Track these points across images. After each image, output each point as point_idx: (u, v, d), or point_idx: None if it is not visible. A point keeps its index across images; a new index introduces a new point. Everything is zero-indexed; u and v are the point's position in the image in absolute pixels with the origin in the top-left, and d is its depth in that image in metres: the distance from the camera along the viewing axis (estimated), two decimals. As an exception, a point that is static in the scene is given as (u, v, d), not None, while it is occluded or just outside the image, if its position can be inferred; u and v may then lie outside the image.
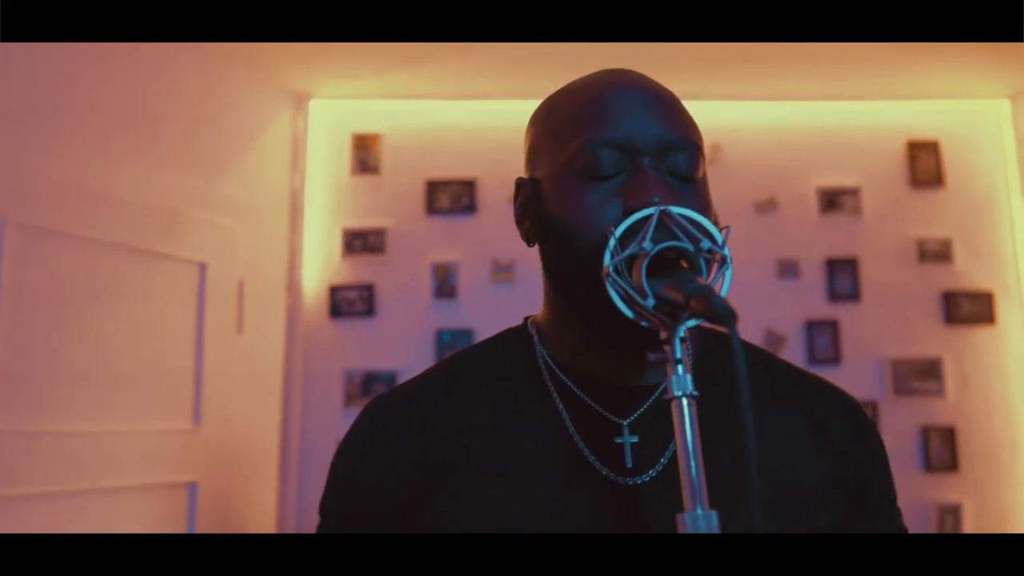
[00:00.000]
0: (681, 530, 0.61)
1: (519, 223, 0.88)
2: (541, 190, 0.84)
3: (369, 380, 2.98)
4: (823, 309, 3.08)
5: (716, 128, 3.17)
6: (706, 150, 0.84)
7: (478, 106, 3.16)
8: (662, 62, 2.92)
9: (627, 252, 0.71)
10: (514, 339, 0.92)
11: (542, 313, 0.91)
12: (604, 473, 0.81)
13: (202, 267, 2.68)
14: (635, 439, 0.82)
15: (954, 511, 2.95)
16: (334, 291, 3.03)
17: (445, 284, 3.05)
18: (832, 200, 3.15)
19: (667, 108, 0.81)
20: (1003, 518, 2.96)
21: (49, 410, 2.23)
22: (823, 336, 3.06)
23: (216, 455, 2.64)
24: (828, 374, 2.97)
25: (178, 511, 2.52)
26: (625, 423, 0.83)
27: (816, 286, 3.10)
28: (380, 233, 3.07)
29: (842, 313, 3.08)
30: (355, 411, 2.92)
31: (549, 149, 0.83)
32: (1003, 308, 3.08)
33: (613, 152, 0.78)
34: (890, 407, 3.02)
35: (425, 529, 0.81)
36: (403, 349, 3.00)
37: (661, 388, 0.84)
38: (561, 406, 0.84)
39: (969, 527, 2.93)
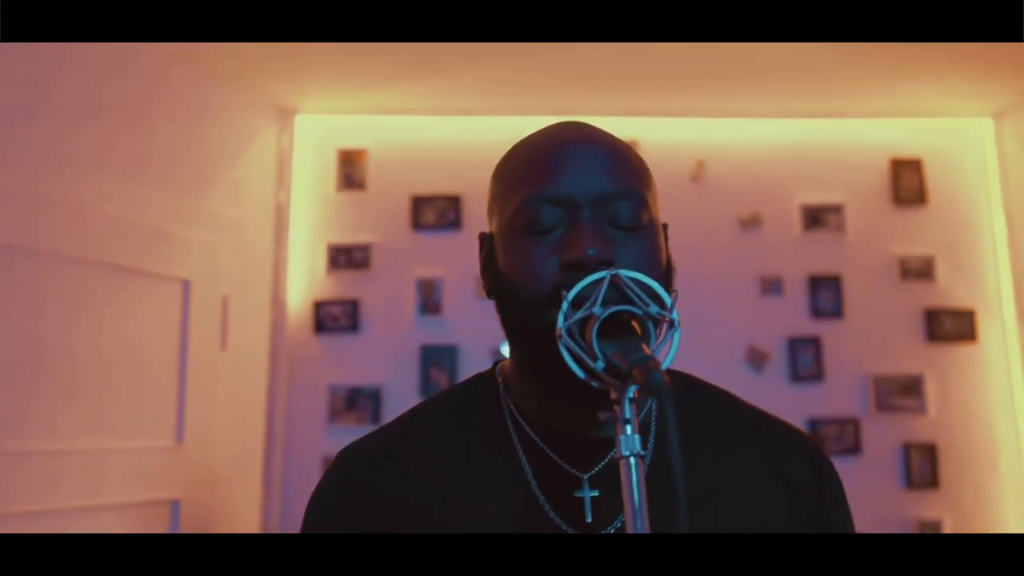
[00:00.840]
0: None
1: (482, 276, 0.90)
2: (494, 245, 0.86)
3: (353, 395, 2.99)
4: (806, 326, 3.10)
5: (700, 145, 3.19)
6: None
7: (464, 122, 3.17)
8: (647, 79, 2.95)
9: (579, 315, 0.73)
10: (481, 386, 0.94)
11: (508, 361, 0.92)
12: (563, 528, 0.82)
13: (186, 284, 2.68)
14: (595, 493, 0.83)
15: (934, 527, 2.97)
16: (319, 306, 3.04)
17: (430, 300, 3.06)
18: (815, 217, 3.16)
19: (609, 160, 0.82)
20: (983, 535, 2.98)
21: (32, 429, 2.23)
22: (806, 353, 3.08)
23: (199, 472, 2.65)
24: (811, 391, 3.02)
25: (160, 529, 2.53)
26: (585, 477, 0.84)
27: (799, 303, 3.11)
28: (365, 248, 3.07)
29: (825, 330, 3.10)
30: (339, 426, 2.95)
31: (499, 206, 0.86)
32: (985, 326, 3.10)
33: (553, 207, 0.80)
34: (872, 423, 3.04)
35: None
36: (387, 365, 3.01)
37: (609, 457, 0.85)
38: (524, 458, 0.86)
39: (949, 544, 2.95)
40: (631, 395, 0.68)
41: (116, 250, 2.48)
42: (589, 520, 0.82)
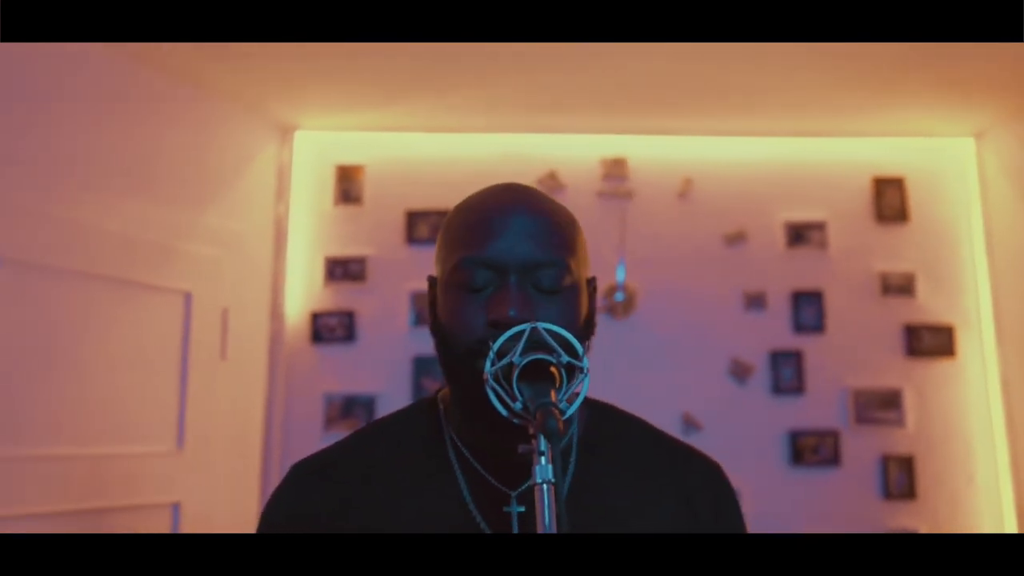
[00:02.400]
0: None
1: (428, 315, 1.01)
2: (436, 292, 0.97)
3: (349, 404, 3.10)
4: (788, 340, 3.19)
5: (687, 163, 3.28)
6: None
7: (457, 139, 3.28)
8: (636, 99, 3.04)
9: (502, 363, 0.84)
10: (424, 411, 1.05)
11: (448, 389, 1.03)
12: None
13: (187, 296, 2.80)
14: (522, 509, 0.94)
15: (911, 538, 3.05)
16: (316, 317, 3.15)
17: (423, 312, 3.16)
18: (799, 234, 3.25)
19: (538, 229, 0.92)
20: (958, 545, 3.06)
21: (39, 435, 2.35)
22: (788, 366, 3.17)
23: (199, 477, 2.76)
24: (792, 403, 3.11)
25: (161, 531, 2.65)
26: (514, 494, 0.95)
27: (782, 317, 3.20)
28: (361, 261, 3.18)
29: (807, 344, 3.18)
30: (334, 433, 3.05)
31: (441, 259, 0.97)
32: (963, 341, 3.18)
33: (484, 270, 0.91)
34: (851, 436, 3.12)
35: None
36: (382, 374, 3.12)
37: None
38: (460, 475, 0.97)
39: (925, 553, 3.03)
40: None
41: (120, 264, 2.60)
42: (515, 532, 0.93)
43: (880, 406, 3.14)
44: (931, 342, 3.18)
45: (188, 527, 2.69)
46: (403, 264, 3.20)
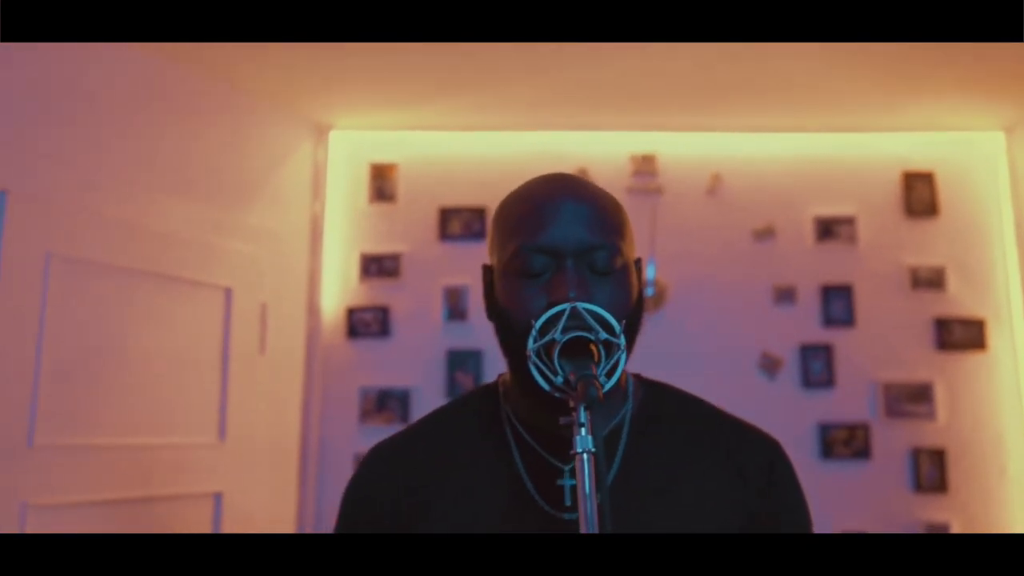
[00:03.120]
0: None
1: (484, 301, 1.06)
2: (493, 279, 1.03)
3: (383, 397, 3.16)
4: (818, 334, 3.21)
5: (716, 159, 3.32)
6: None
7: (489, 137, 3.33)
8: (666, 96, 3.08)
9: (545, 340, 0.90)
10: (486, 395, 1.12)
11: (508, 373, 1.09)
12: (546, 510, 0.99)
13: (228, 292, 2.87)
14: (573, 482, 0.99)
15: (942, 530, 3.06)
16: (351, 313, 3.22)
17: (456, 307, 3.22)
18: (828, 228, 3.27)
19: (590, 215, 0.98)
20: (990, 538, 3.07)
21: (88, 425, 2.44)
22: (817, 360, 3.19)
23: (240, 467, 2.84)
24: (822, 396, 3.13)
25: (204, 519, 2.73)
26: (566, 468, 1.01)
27: (811, 312, 3.22)
28: (395, 258, 3.25)
29: (836, 338, 3.20)
30: (370, 426, 3.13)
31: (497, 247, 1.03)
32: (994, 334, 3.19)
33: (541, 255, 0.96)
34: (882, 429, 3.14)
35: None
36: (416, 368, 3.19)
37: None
38: (516, 453, 1.04)
39: (957, 546, 3.04)
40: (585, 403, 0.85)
41: (165, 261, 2.68)
42: (568, 503, 0.99)
43: (911, 399, 3.15)
44: (962, 335, 3.18)
45: (229, 516, 2.77)
46: (436, 260, 3.26)
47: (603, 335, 0.90)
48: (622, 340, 0.91)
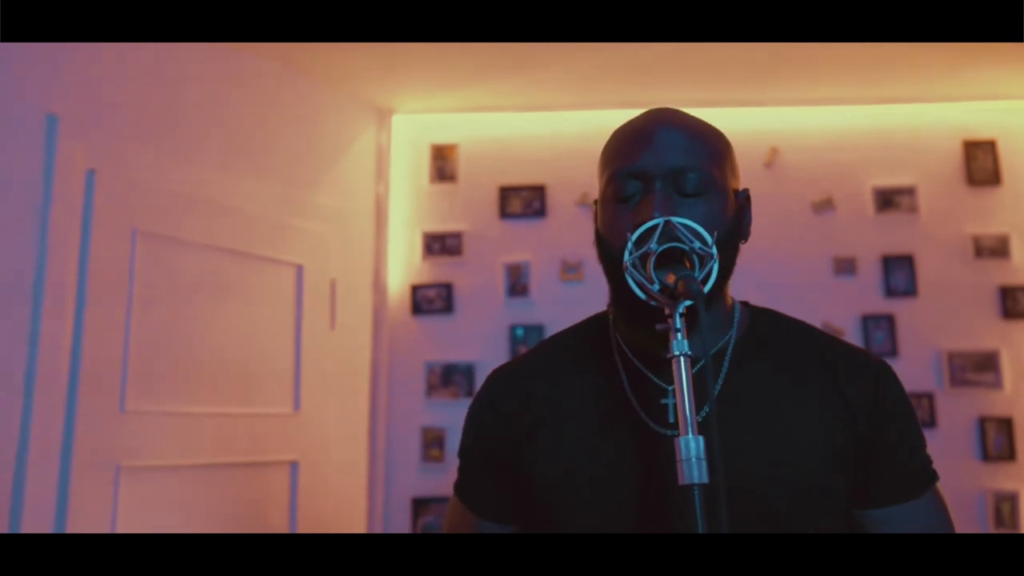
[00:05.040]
0: (677, 451, 0.82)
1: (595, 232, 1.11)
2: (597, 210, 1.09)
3: (448, 371, 3.24)
4: (879, 304, 3.21)
5: (774, 132, 3.33)
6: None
7: (547, 117, 3.40)
8: (722, 72, 3.11)
9: (640, 251, 0.95)
10: (597, 323, 1.19)
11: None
12: (651, 426, 1.05)
13: (299, 269, 2.98)
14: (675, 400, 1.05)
15: (1011, 499, 3.04)
16: (415, 290, 3.31)
17: (517, 283, 3.29)
18: (888, 199, 3.26)
19: (682, 139, 1.03)
20: (1061, 507, 3.03)
21: (173, 394, 2.56)
22: (880, 330, 3.18)
23: (314, 437, 2.94)
24: (884, 366, 3.10)
25: (282, 486, 2.83)
26: (670, 388, 1.06)
27: (872, 282, 3.22)
28: (457, 236, 3.33)
29: (898, 308, 3.20)
30: (436, 399, 3.21)
31: (599, 178, 1.09)
32: (1061, 302, 3.15)
33: (632, 180, 1.02)
34: (947, 398, 3.12)
35: (522, 462, 1.10)
36: (479, 343, 3.26)
37: (700, 363, 1.05)
38: (623, 374, 1.10)
39: (1026, 515, 3.02)
40: (680, 310, 0.88)
41: (241, 238, 2.80)
42: (671, 420, 1.04)
43: (976, 368, 3.13)
44: (1028, 304, 3.15)
45: (305, 484, 2.87)
46: (497, 238, 3.33)
47: (697, 244, 0.94)
48: (714, 250, 0.94)
